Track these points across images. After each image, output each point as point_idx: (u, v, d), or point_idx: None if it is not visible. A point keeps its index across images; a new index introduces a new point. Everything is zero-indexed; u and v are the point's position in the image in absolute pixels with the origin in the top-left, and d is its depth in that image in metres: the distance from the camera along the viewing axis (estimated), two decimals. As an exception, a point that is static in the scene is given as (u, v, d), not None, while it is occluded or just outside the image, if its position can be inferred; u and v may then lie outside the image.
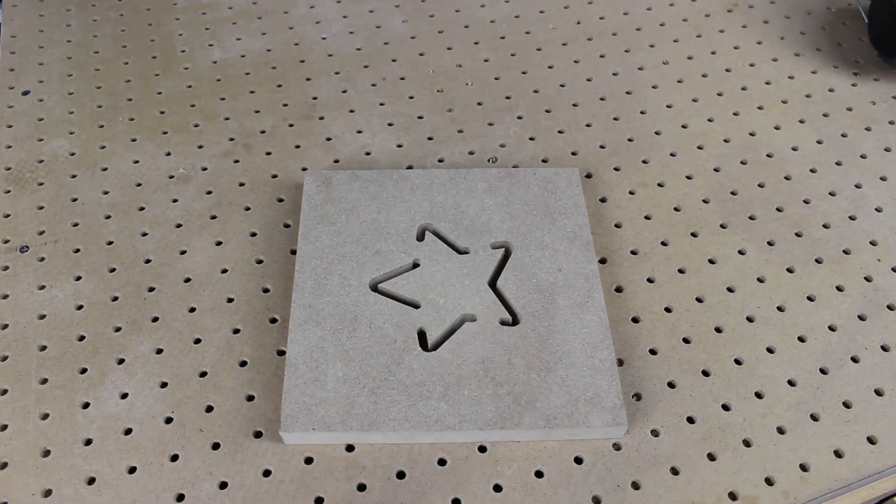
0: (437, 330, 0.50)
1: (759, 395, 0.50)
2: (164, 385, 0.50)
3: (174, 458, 0.47)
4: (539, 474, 0.46)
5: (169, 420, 0.48)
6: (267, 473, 0.46)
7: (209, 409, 0.49)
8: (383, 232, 0.56)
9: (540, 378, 0.48)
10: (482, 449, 0.47)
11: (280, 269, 0.56)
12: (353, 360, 0.49)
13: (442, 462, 0.47)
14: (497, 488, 0.45)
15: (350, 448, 0.47)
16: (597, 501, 0.45)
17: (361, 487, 0.46)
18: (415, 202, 0.57)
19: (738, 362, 0.51)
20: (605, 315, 0.51)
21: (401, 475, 0.46)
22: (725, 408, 0.49)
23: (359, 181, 0.59)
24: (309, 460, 0.47)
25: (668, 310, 0.54)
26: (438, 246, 0.55)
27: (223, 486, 0.46)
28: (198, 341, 0.52)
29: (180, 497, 0.45)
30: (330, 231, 0.56)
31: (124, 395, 0.49)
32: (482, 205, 0.57)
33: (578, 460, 0.47)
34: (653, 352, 0.52)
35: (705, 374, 0.51)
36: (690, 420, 0.48)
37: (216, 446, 0.47)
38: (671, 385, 0.50)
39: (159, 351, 0.52)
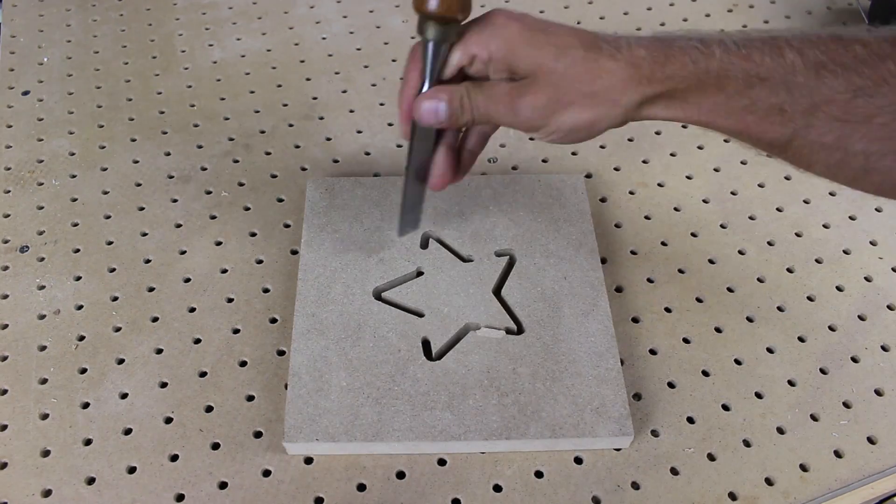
0: (441, 339, 0.50)
1: (758, 395, 0.50)
2: (163, 385, 0.50)
3: (174, 458, 0.47)
4: (539, 474, 0.46)
5: (169, 420, 0.48)
6: (267, 473, 0.46)
7: (209, 409, 0.49)
8: (387, 240, 0.55)
9: (545, 387, 0.47)
10: (482, 449, 0.47)
11: (280, 269, 0.56)
12: (357, 369, 0.48)
13: (442, 462, 0.47)
14: (497, 488, 0.45)
15: (350, 448, 0.47)
16: (596, 502, 0.45)
17: (361, 487, 0.46)
18: None
19: (737, 362, 0.51)
20: (610, 323, 0.50)
21: (401, 475, 0.46)
22: (725, 408, 0.49)
23: (362, 188, 0.58)
24: (309, 460, 0.47)
25: (668, 310, 0.54)
26: (442, 254, 0.55)
27: (223, 486, 0.46)
28: (198, 341, 0.52)
29: (180, 497, 0.45)
30: (333, 238, 0.55)
31: (124, 395, 0.49)
32: (486, 212, 0.57)
33: (578, 460, 0.47)
34: (653, 352, 0.52)
35: (705, 374, 0.51)
36: (690, 420, 0.48)
37: (216, 446, 0.47)
38: (671, 385, 0.50)
39: (159, 351, 0.52)
